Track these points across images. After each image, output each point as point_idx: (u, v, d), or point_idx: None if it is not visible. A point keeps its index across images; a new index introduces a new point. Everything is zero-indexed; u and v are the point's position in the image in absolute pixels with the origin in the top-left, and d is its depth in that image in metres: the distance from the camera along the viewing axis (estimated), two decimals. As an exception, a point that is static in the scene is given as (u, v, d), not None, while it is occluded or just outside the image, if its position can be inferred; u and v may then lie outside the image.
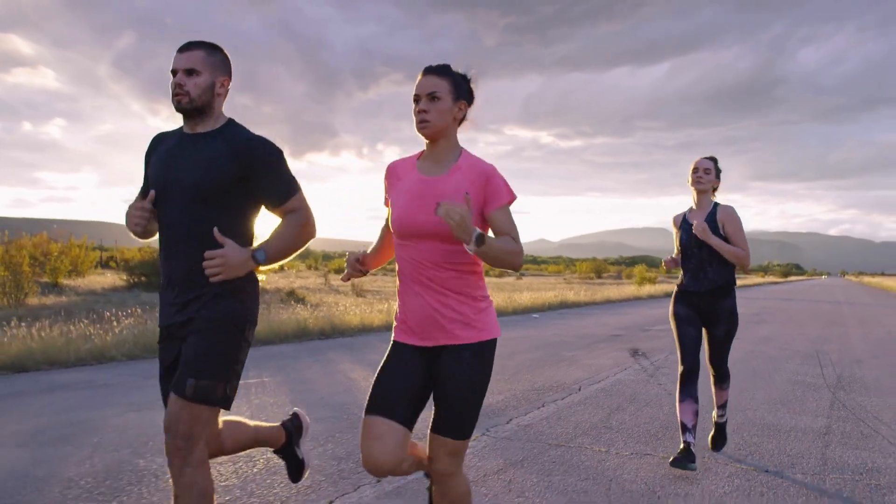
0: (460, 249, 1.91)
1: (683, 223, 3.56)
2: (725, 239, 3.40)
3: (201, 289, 1.96)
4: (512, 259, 1.89)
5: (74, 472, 3.17)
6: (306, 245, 2.06)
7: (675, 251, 3.66)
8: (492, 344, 1.99)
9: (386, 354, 2.03)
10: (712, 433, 3.73)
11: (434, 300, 1.94)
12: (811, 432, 4.27)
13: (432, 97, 1.93)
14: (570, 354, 7.92)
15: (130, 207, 2.04)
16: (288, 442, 2.46)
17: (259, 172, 1.97)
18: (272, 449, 2.46)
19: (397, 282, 2.05)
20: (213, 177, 1.94)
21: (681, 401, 3.40)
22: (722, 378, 3.62)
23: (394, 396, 1.94)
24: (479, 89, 2.04)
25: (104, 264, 31.65)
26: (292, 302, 14.43)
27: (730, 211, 3.45)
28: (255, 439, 2.31)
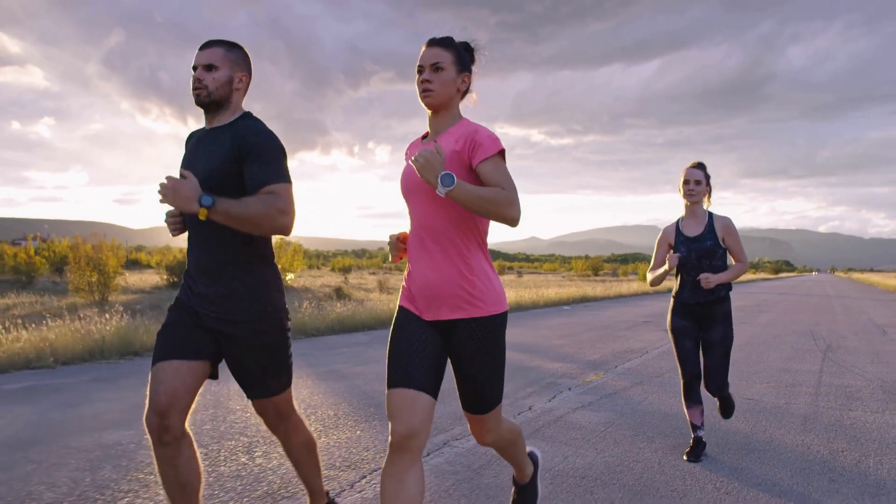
0: (456, 212, 1.94)
1: (679, 235, 3.57)
2: (725, 250, 3.51)
3: (229, 284, 2.05)
4: (497, 208, 1.82)
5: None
6: (269, 231, 1.99)
7: (654, 262, 3.67)
8: (500, 319, 2.01)
9: (394, 322, 2.05)
10: (719, 406, 3.80)
11: (435, 266, 1.97)
12: (810, 372, 6.72)
13: (436, 68, 1.97)
14: (621, 333, 10.34)
15: (167, 215, 2.17)
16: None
17: (248, 158, 2.00)
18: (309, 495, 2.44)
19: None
20: (216, 167, 2.02)
21: (688, 407, 3.63)
22: (727, 409, 3.73)
23: (410, 366, 1.94)
24: (479, 62, 2.08)
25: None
26: (341, 298, 16.70)
27: (728, 223, 3.51)
28: (310, 458, 2.36)
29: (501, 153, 1.93)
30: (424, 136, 2.11)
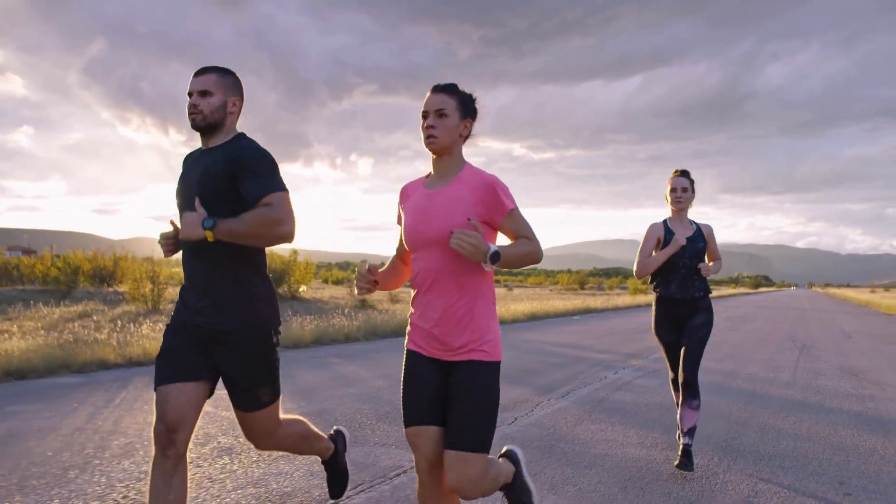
0: (469, 262, 2.05)
1: (669, 233, 3.79)
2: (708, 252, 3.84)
3: (218, 296, 2.20)
4: (530, 258, 2.08)
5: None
6: (272, 241, 2.16)
7: (642, 255, 3.82)
8: (496, 366, 2.12)
9: (403, 366, 2.21)
10: (679, 457, 3.74)
11: (442, 311, 2.09)
12: (790, 360, 9.30)
13: (440, 114, 2.10)
14: (636, 336, 12.83)
15: (161, 236, 2.32)
16: (334, 456, 2.70)
17: (243, 173, 2.16)
18: (321, 459, 2.71)
19: (412, 293, 2.20)
20: (209, 184, 2.18)
21: (679, 405, 3.87)
22: (693, 392, 3.72)
23: (422, 405, 2.12)
24: (482, 108, 2.22)
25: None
26: (365, 308, 18.84)
27: (711, 231, 3.86)
28: (308, 442, 2.56)
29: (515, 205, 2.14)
30: (427, 177, 2.24)
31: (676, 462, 3.75)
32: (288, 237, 2.15)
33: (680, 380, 3.77)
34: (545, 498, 3.24)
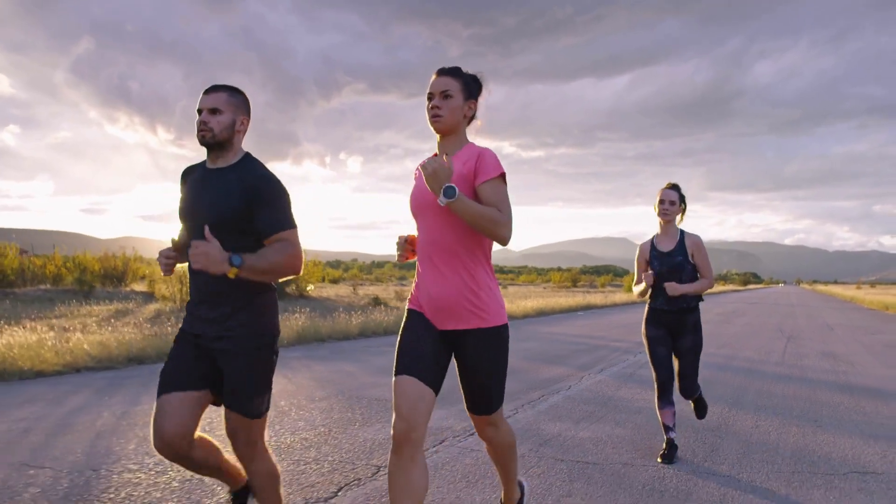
0: (463, 229, 2.18)
1: (653, 250, 3.99)
2: (694, 265, 3.90)
3: (228, 306, 2.29)
4: (492, 226, 2.11)
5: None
6: (284, 276, 2.28)
7: (636, 277, 4.07)
8: (503, 329, 2.27)
9: (403, 322, 2.31)
10: (693, 406, 4.29)
11: (443, 279, 2.22)
12: (779, 347, 10.95)
13: (445, 95, 2.22)
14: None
15: (160, 255, 2.40)
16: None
17: (258, 205, 2.27)
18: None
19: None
20: (226, 209, 2.28)
21: (661, 408, 4.05)
22: (701, 409, 4.26)
23: (419, 359, 2.21)
24: (487, 88, 2.34)
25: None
26: (378, 305, 20.24)
27: (697, 240, 3.94)
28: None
29: (502, 176, 2.21)
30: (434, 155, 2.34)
31: (693, 408, 4.34)
32: (298, 271, 2.30)
33: (683, 396, 4.17)
34: (613, 430, 4.78)
